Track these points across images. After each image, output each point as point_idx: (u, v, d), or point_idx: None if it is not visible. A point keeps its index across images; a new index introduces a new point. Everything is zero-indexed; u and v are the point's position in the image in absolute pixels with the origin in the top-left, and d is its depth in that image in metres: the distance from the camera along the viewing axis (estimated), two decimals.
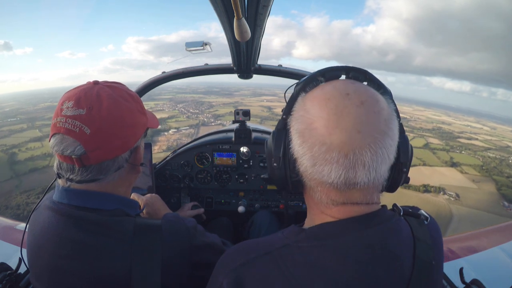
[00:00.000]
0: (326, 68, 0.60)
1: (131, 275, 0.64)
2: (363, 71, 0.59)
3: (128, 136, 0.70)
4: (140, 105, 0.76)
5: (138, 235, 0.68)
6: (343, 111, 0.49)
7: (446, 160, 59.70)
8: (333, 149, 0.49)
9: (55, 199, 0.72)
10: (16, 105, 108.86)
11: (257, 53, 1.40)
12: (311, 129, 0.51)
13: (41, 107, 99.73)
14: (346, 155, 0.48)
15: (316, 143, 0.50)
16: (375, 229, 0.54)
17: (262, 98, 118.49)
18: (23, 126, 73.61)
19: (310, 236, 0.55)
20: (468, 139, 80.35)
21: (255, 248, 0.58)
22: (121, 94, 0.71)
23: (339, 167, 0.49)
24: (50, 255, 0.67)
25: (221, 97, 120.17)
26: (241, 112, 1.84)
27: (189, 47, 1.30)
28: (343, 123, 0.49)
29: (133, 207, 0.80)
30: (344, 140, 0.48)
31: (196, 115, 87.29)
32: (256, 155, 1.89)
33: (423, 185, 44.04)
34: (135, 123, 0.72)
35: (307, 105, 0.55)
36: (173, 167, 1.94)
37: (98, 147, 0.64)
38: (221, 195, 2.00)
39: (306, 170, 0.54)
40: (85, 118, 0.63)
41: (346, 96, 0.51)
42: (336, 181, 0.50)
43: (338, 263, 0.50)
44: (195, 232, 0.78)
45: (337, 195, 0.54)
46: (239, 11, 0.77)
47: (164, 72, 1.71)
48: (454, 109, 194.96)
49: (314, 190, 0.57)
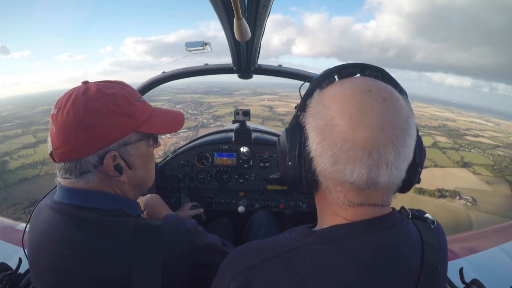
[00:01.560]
0: (343, 64, 0.58)
1: (131, 275, 0.64)
2: (379, 69, 0.58)
3: (88, 138, 0.66)
4: (116, 106, 0.68)
5: (138, 235, 0.68)
6: (366, 108, 0.48)
7: (457, 160, 56.51)
8: (357, 146, 0.47)
9: (57, 199, 0.72)
10: (14, 109, 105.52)
11: (257, 53, 1.40)
12: (332, 125, 0.49)
13: (39, 110, 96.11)
14: (370, 153, 0.47)
15: (338, 140, 0.48)
16: (386, 232, 0.53)
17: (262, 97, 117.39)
18: (18, 132, 69.78)
19: (320, 238, 0.53)
20: (475, 136, 77.96)
21: (263, 250, 0.56)
22: (90, 94, 0.67)
23: (362, 166, 0.48)
24: (51, 255, 0.67)
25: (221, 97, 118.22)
26: (241, 112, 1.85)
27: (189, 47, 1.30)
28: (366, 120, 0.47)
29: (133, 207, 0.80)
30: (368, 137, 0.47)
31: (195, 116, 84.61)
32: (256, 155, 1.89)
33: (437, 190, 40.88)
34: (98, 125, 0.66)
35: (325, 101, 0.53)
36: (173, 167, 1.94)
37: (59, 146, 0.67)
38: (221, 195, 2.00)
39: (324, 169, 0.52)
40: (55, 117, 0.67)
41: (369, 93, 0.50)
42: (358, 180, 0.49)
43: (349, 267, 0.49)
44: (195, 232, 0.77)
45: (355, 195, 0.52)
46: (239, 11, 0.77)
47: (164, 72, 1.71)
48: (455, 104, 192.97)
49: (331, 190, 0.54)
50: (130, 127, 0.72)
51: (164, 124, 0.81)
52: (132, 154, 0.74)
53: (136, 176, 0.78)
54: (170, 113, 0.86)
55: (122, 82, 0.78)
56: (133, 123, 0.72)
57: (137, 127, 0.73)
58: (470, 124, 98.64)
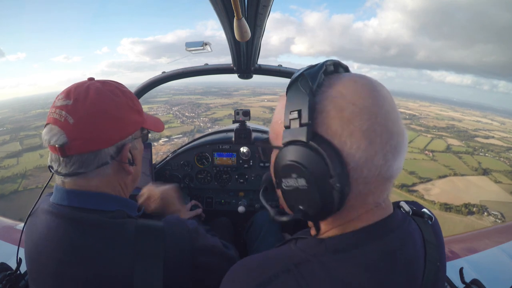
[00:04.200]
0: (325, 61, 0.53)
1: (133, 279, 0.64)
2: (344, 65, 0.57)
3: (112, 129, 0.69)
4: (132, 102, 0.74)
5: (140, 238, 0.67)
6: (384, 100, 0.48)
7: (475, 166, 53.74)
8: (397, 136, 0.48)
9: (54, 201, 0.70)
10: (9, 113, 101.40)
11: (257, 53, 1.40)
12: (375, 123, 0.46)
13: (32, 114, 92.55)
14: (403, 139, 0.49)
15: (384, 137, 0.46)
16: (393, 234, 0.52)
17: (262, 98, 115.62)
18: (6, 138, 65.90)
19: (330, 248, 0.51)
20: (485, 138, 76.44)
21: (269, 264, 0.52)
22: (111, 89, 0.71)
23: (398, 155, 0.48)
24: (51, 260, 0.65)
25: (220, 97, 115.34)
26: (241, 112, 1.85)
27: (189, 47, 1.30)
28: (392, 113, 0.48)
29: (133, 208, 0.79)
30: (397, 129, 0.48)
31: (192, 119, 79.94)
32: (256, 155, 1.88)
33: (464, 205, 36.96)
34: (121, 117, 0.70)
35: (354, 101, 0.47)
36: (173, 167, 1.94)
37: (79, 137, 0.65)
38: (221, 195, 2.00)
39: (373, 174, 0.47)
40: (71, 108, 0.65)
41: (379, 86, 0.50)
42: (392, 172, 0.49)
43: (360, 275, 0.47)
44: (196, 235, 0.77)
45: (379, 192, 0.51)
46: (239, 11, 0.77)
47: (164, 72, 1.71)
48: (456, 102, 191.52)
49: (366, 194, 0.49)
50: (139, 123, 0.77)
51: (155, 123, 0.87)
52: (137, 148, 0.79)
53: (136, 171, 0.81)
54: (153, 116, 0.92)
55: (116, 81, 0.80)
56: (141, 119, 0.78)
57: (143, 123, 0.79)
58: (476, 123, 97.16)
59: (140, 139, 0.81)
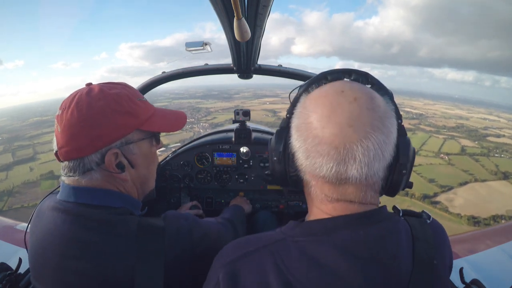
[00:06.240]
0: (329, 70, 0.63)
1: (134, 276, 0.64)
2: (364, 73, 0.62)
3: (92, 136, 0.68)
4: (119, 105, 0.71)
5: (142, 235, 0.68)
6: (337, 107, 0.52)
7: (493, 170, 49.07)
8: (325, 142, 0.51)
9: (61, 198, 0.72)
10: (7, 121, 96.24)
11: (257, 53, 1.41)
12: (307, 123, 0.54)
13: (29, 123, 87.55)
14: (337, 148, 0.50)
15: (309, 136, 0.53)
16: (372, 227, 0.54)
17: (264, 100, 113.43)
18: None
19: (305, 231, 0.57)
20: (496, 136, 70.78)
21: (253, 242, 0.60)
22: (93, 95, 0.70)
23: (330, 160, 0.51)
24: (56, 255, 0.66)
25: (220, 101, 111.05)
26: (241, 112, 1.85)
27: (189, 47, 1.30)
28: (335, 118, 0.51)
29: (137, 207, 0.80)
30: (336, 133, 0.50)
31: (191, 125, 75.55)
32: (256, 155, 1.89)
33: (492, 217, 32.20)
34: (101, 124, 0.68)
35: (306, 103, 0.58)
36: (173, 167, 1.95)
37: (65, 145, 0.68)
38: (221, 195, 2.00)
39: (301, 163, 0.57)
40: (59, 118, 0.69)
41: (341, 93, 0.54)
42: (327, 174, 0.52)
43: (336, 259, 0.51)
44: (193, 227, 0.78)
45: (330, 189, 0.56)
46: (239, 11, 0.77)
47: (164, 72, 1.71)
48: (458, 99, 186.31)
49: (310, 185, 0.59)
50: (132, 125, 0.73)
51: (165, 123, 0.82)
52: (135, 152, 0.75)
53: (139, 175, 0.79)
54: (173, 113, 0.89)
55: (125, 83, 0.79)
56: (136, 121, 0.74)
57: (139, 125, 0.75)
58: (484, 121, 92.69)
59: (145, 141, 0.78)
